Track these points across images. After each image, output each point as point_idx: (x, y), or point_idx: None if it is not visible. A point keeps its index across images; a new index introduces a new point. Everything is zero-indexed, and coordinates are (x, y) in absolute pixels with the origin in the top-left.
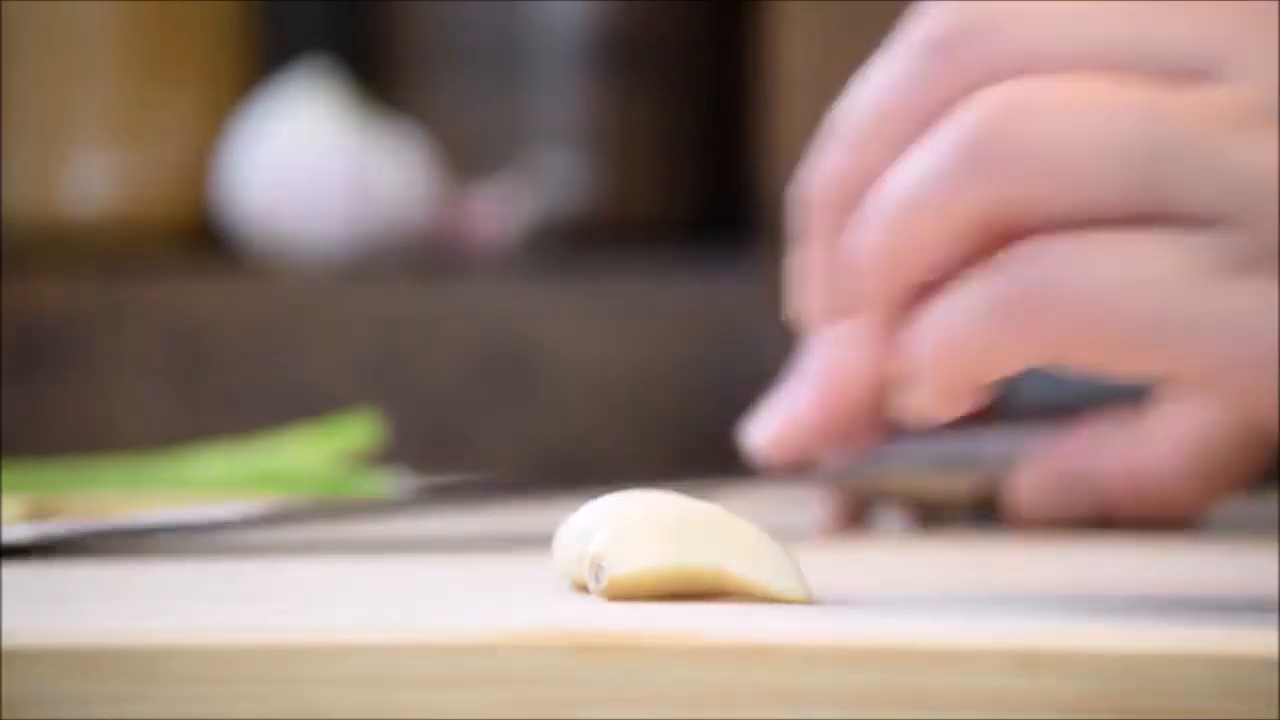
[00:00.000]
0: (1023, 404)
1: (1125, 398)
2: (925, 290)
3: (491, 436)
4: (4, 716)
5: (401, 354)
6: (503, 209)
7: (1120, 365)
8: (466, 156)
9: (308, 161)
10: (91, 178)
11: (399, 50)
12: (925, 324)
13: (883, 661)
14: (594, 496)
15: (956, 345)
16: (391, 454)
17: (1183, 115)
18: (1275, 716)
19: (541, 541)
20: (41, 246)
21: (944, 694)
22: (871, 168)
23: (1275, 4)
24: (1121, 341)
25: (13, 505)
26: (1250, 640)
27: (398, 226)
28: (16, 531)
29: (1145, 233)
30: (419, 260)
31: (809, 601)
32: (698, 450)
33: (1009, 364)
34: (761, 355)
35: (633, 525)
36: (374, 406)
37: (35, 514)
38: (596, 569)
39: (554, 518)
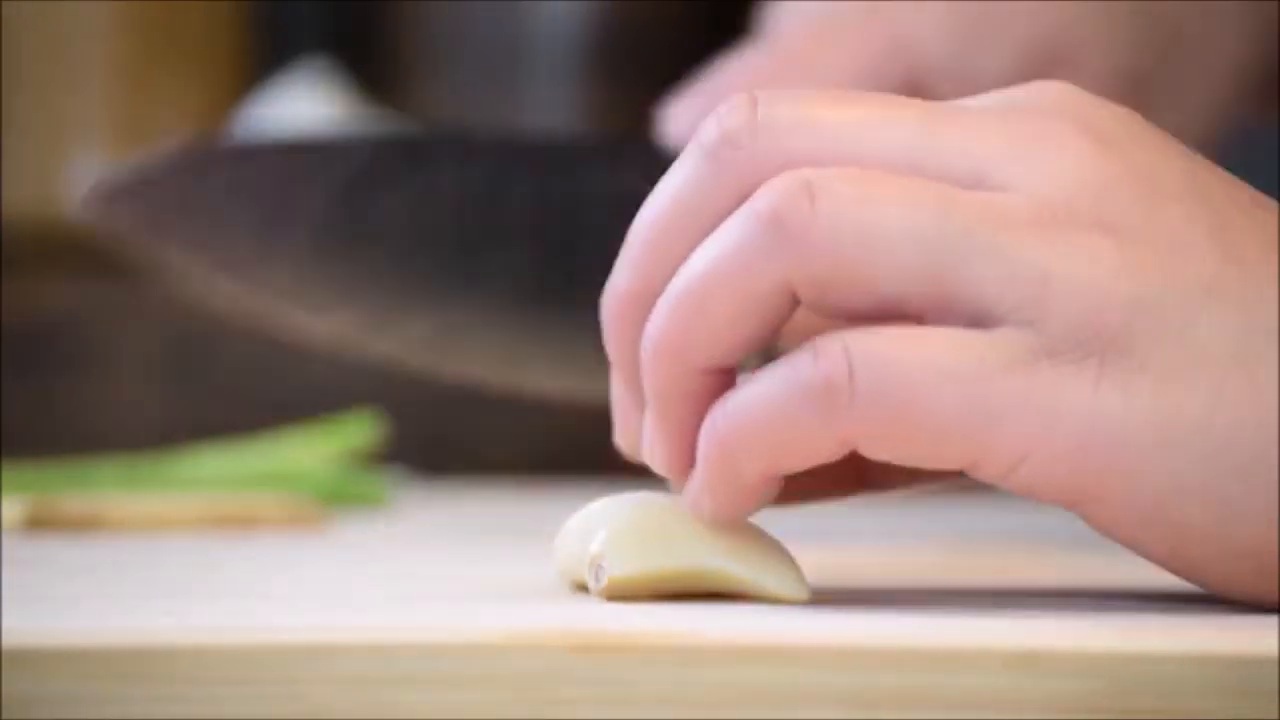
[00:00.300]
0: None
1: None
2: (715, 381)
3: (491, 435)
4: (4, 716)
5: None
6: None
7: (919, 458)
8: None
9: None
10: (91, 178)
11: (399, 50)
12: (714, 416)
13: (882, 661)
14: (593, 496)
15: (745, 438)
16: (391, 454)
17: (972, 211)
18: (1275, 717)
19: (540, 541)
20: (41, 247)
21: (944, 694)
22: (660, 280)
23: (1045, 120)
24: (920, 436)
25: (13, 505)
26: (1250, 640)
27: None
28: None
29: (942, 328)
30: None
31: (808, 601)
32: None
33: (803, 459)
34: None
35: (632, 526)
36: (374, 406)
37: (35, 514)
38: (596, 569)
39: (552, 517)
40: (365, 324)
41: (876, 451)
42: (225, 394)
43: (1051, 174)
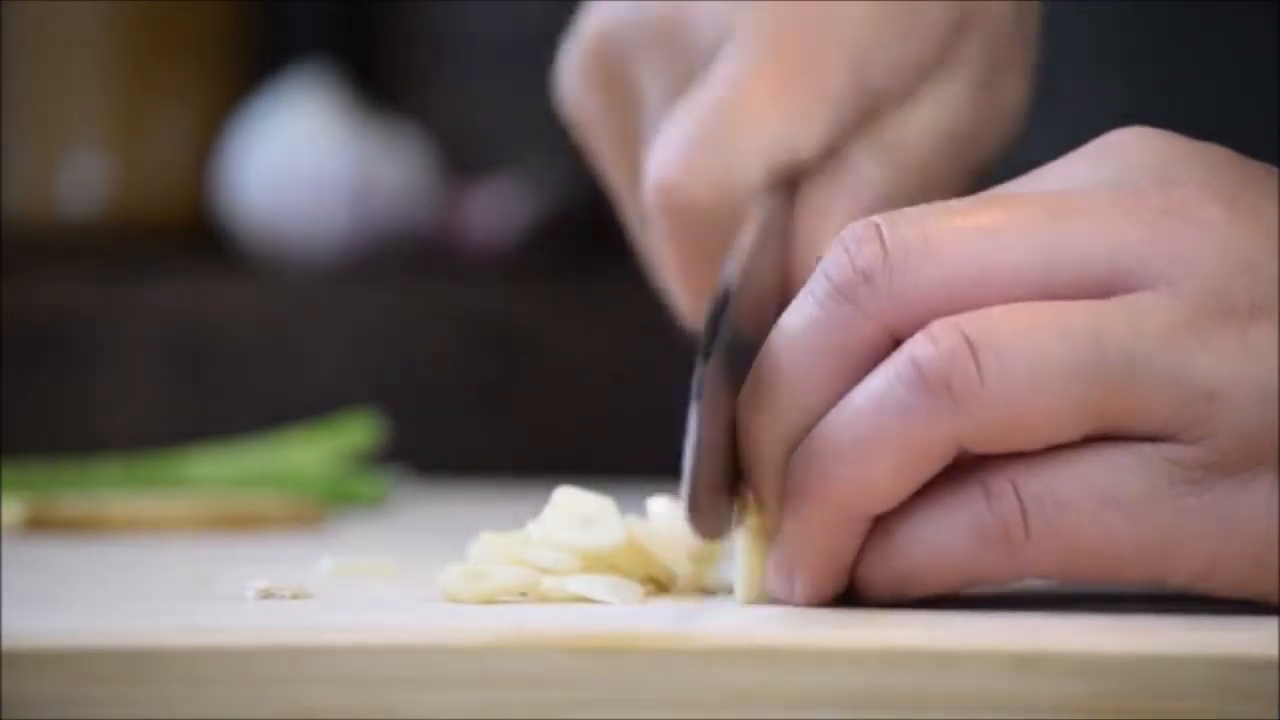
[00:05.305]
0: None
1: None
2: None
3: (491, 436)
4: (4, 716)
5: (401, 354)
6: (502, 209)
7: (1097, 581)
8: (466, 156)
9: (308, 162)
10: (89, 178)
11: (399, 50)
12: (882, 550)
13: (883, 662)
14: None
15: (918, 573)
16: (391, 454)
17: (1127, 332)
18: (1275, 717)
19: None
20: (40, 246)
21: (944, 694)
22: (804, 418)
23: (1168, 192)
24: (1096, 565)
25: (13, 505)
26: (1250, 640)
27: (397, 226)
28: None
29: (1115, 451)
30: (419, 260)
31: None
32: None
33: (971, 588)
34: None
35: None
36: (374, 406)
37: (35, 514)
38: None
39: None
40: None
41: (1053, 577)
42: (225, 394)
43: (1195, 260)
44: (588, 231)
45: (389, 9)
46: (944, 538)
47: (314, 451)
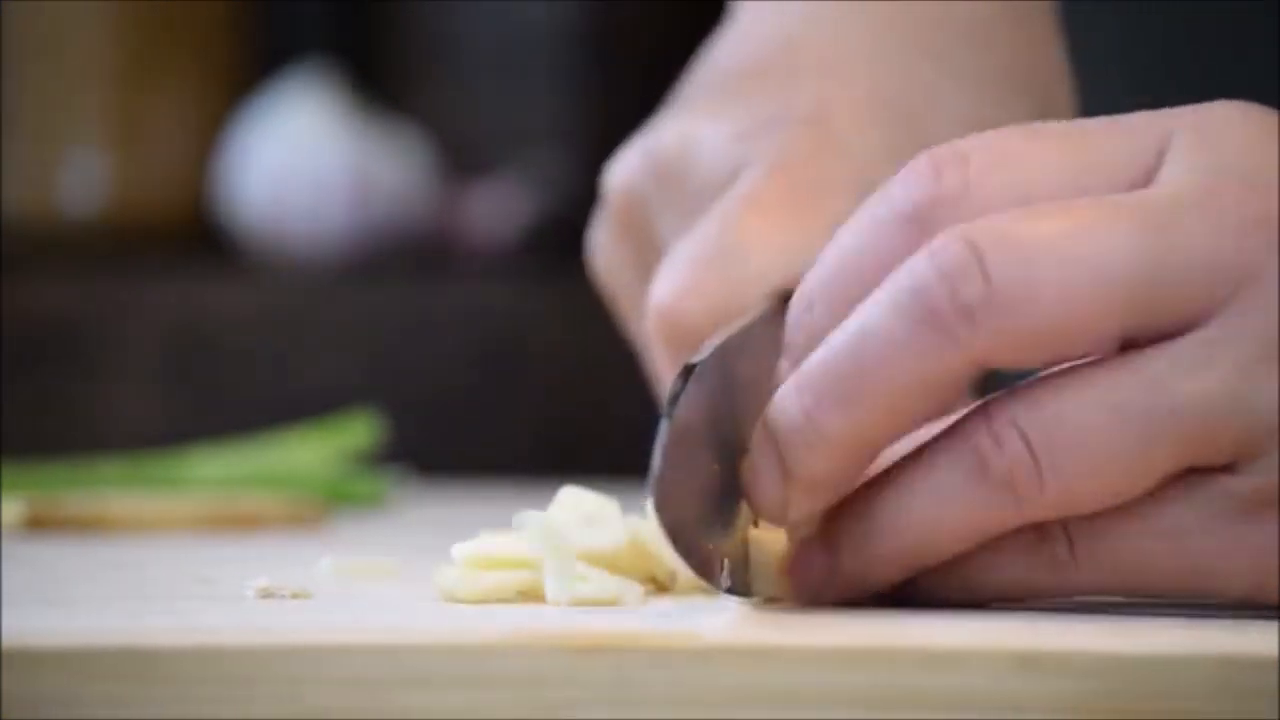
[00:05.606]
0: None
1: None
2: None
3: (490, 435)
4: (4, 716)
5: (401, 354)
6: (502, 208)
7: (1150, 598)
8: (466, 156)
9: (308, 162)
10: (89, 178)
11: (399, 50)
12: (948, 572)
13: (883, 662)
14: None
15: (984, 592)
16: (391, 454)
17: (1190, 386)
18: (1275, 717)
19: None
20: (40, 246)
21: (944, 694)
22: (879, 437)
23: (1271, 218)
24: (1151, 587)
25: (13, 505)
26: (1250, 640)
27: (397, 226)
28: None
29: (1169, 486)
30: (419, 260)
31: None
32: None
33: (1032, 600)
34: None
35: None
36: (374, 406)
37: (35, 514)
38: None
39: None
40: None
41: (1102, 595)
42: (225, 394)
43: (1255, 297)
44: (588, 231)
45: (389, 9)
46: (995, 566)
47: (314, 451)
